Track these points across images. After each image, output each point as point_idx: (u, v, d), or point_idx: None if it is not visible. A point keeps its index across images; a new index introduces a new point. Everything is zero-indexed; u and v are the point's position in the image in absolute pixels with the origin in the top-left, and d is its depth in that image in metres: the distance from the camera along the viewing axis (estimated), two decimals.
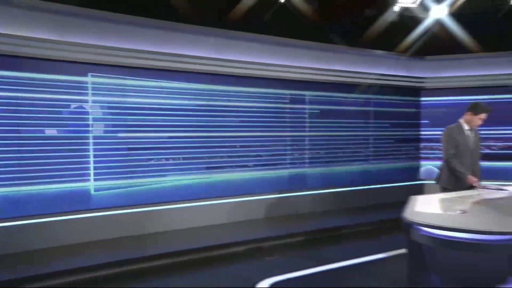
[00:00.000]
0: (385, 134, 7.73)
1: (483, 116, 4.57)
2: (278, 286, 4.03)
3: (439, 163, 5.05)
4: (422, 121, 8.07)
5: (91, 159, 5.12)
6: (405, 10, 6.77)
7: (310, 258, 4.96)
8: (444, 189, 4.60)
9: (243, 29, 6.08)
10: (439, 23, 6.97)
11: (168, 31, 5.58)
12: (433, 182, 4.98)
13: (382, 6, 6.65)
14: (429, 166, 7.94)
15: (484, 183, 4.53)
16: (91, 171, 5.13)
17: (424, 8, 6.79)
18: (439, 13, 6.86)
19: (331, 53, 6.97)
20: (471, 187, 4.41)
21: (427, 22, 6.97)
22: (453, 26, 6.86)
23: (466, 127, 4.63)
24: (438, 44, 7.13)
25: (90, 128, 5.10)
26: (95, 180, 5.16)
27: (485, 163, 5.02)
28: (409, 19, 6.90)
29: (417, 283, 3.29)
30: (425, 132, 8.04)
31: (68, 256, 4.58)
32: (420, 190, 7.57)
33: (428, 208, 3.43)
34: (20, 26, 4.62)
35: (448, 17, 6.92)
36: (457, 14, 6.84)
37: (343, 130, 7.24)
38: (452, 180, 4.57)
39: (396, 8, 6.64)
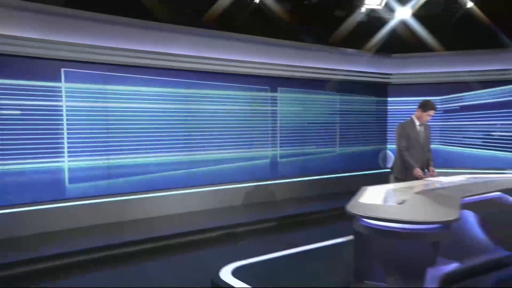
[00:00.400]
0: (358, 127, 8.24)
1: (431, 113, 5.05)
2: (242, 270, 4.21)
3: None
4: (389, 114, 8.59)
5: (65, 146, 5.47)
6: (371, 11, 7.13)
7: (279, 242, 5.35)
8: (396, 179, 5.10)
9: (219, 28, 6.42)
10: (403, 24, 7.37)
11: (145, 29, 5.92)
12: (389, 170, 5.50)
13: (350, 7, 7.01)
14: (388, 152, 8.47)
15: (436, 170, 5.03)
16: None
17: (389, 9, 7.16)
18: (404, 14, 7.25)
19: (303, 51, 7.36)
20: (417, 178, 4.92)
21: (393, 22, 7.36)
22: (417, 27, 7.27)
23: (417, 122, 5.11)
24: (403, 43, 7.56)
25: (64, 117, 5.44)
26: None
27: None
28: (375, 20, 7.27)
29: (360, 270, 3.52)
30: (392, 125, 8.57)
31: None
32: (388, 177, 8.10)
33: (370, 199, 3.65)
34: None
35: (412, 18, 7.32)
36: (420, 16, 7.23)
37: (318, 123, 7.71)
38: (403, 171, 5.05)
39: (363, 9, 7.00)
